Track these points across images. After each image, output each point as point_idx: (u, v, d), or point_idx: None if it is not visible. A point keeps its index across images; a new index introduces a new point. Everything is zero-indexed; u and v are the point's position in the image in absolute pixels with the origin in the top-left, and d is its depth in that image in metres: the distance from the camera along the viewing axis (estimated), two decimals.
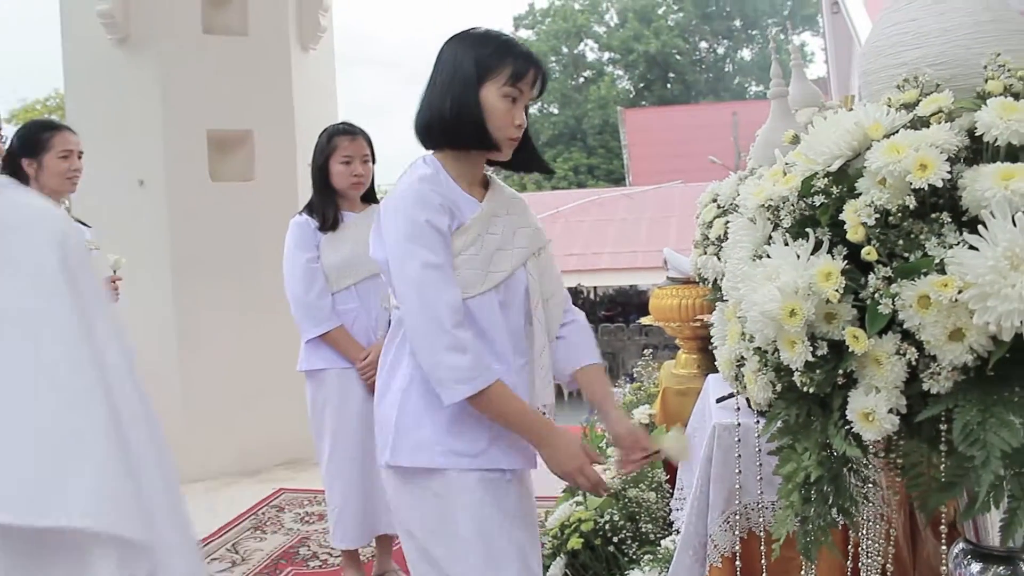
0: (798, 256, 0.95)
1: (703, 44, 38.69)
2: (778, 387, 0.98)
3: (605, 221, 17.76)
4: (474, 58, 1.71)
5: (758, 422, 1.53)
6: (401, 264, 1.65)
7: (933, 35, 1.02)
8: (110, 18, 4.70)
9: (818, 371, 0.91)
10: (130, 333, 1.00)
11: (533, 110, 1.89)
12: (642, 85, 38.23)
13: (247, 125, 5.17)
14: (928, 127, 0.93)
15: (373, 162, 3.22)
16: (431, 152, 1.82)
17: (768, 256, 1.00)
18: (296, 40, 5.37)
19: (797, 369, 0.93)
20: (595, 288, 20.91)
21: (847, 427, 0.93)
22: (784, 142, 1.11)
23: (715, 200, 2.81)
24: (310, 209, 3.21)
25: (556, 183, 31.29)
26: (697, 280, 3.00)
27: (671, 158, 25.18)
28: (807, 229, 0.96)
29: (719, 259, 2.68)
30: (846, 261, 0.93)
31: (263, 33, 5.16)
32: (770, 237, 1.03)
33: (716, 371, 3.42)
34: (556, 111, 36.44)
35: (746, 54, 38.52)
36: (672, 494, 2.85)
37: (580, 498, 2.90)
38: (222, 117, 5.09)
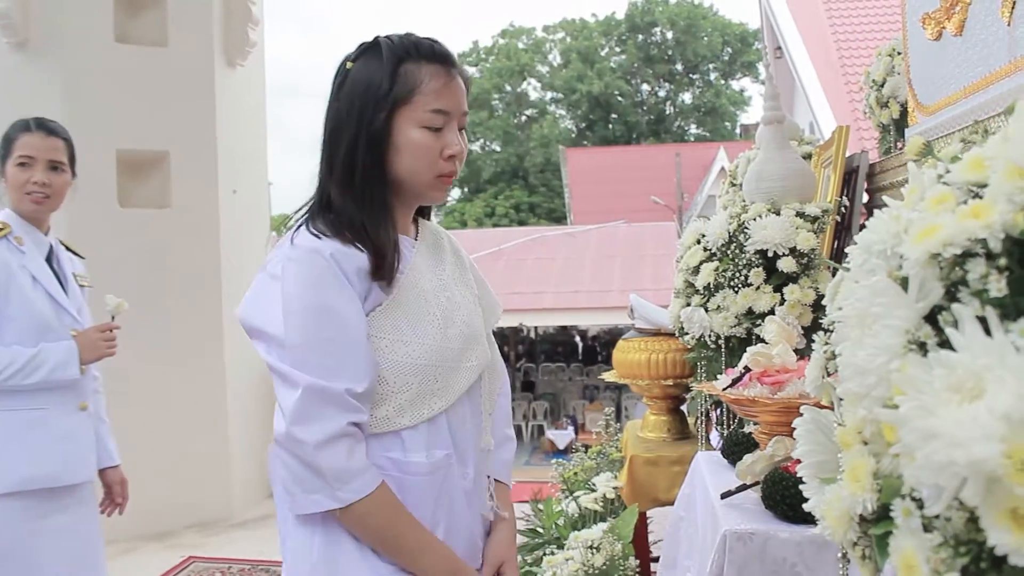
0: (1017, 350, 0.52)
1: (645, 86, 39.10)
2: None
3: (548, 260, 17.40)
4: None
5: None
6: None
7: None
8: (6, 18, 4.15)
9: None
10: None
11: (475, 147, 1.42)
12: (584, 125, 38.43)
13: (163, 146, 4.65)
14: None
15: None
16: None
17: (944, 346, 0.56)
18: (221, 54, 4.87)
19: None
20: (535, 328, 20.56)
21: None
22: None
23: (700, 241, 2.40)
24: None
25: (497, 221, 31.10)
26: (675, 333, 2.58)
27: (613, 197, 25.13)
28: None
29: (707, 311, 2.27)
30: None
31: (184, 44, 4.66)
32: (938, 310, 0.59)
33: (688, 435, 3.02)
34: (498, 149, 36.32)
35: (687, 97, 38.98)
36: None
37: None
38: (135, 136, 4.55)
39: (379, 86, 1.31)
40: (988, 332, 0.54)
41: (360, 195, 1.32)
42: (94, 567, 2.40)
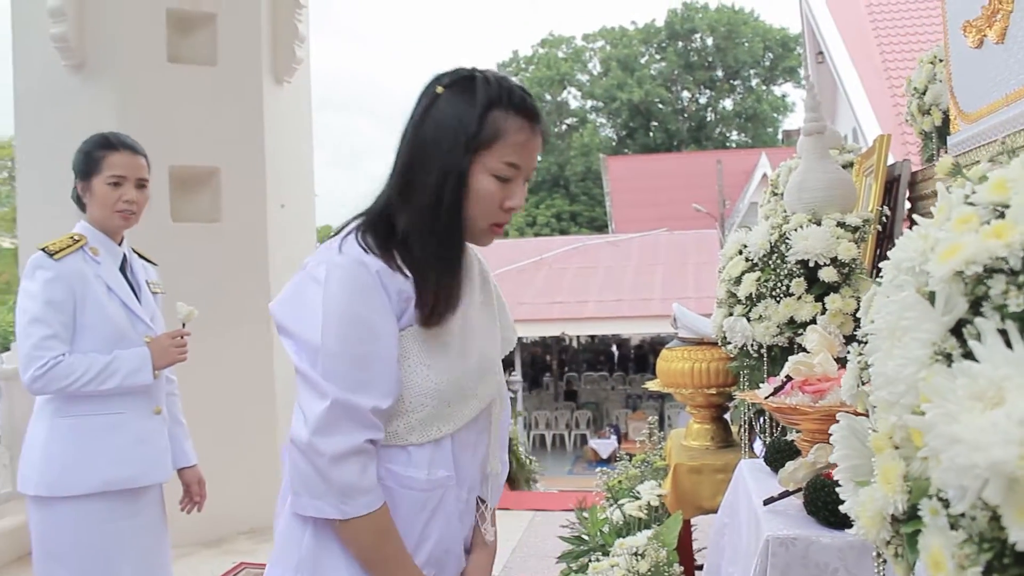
0: None
1: (685, 93, 38.95)
2: None
3: (589, 268, 17.41)
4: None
5: None
6: None
7: None
8: (64, 42, 4.30)
9: None
10: None
11: None
12: (624, 133, 38.39)
13: (214, 162, 4.76)
14: None
15: None
16: None
17: (967, 357, 0.60)
18: (269, 71, 4.98)
19: None
20: (577, 337, 20.54)
21: None
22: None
23: (742, 252, 2.43)
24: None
25: (539, 230, 31.17)
26: (718, 342, 2.61)
27: (654, 206, 25.07)
28: None
29: (749, 321, 2.30)
30: None
31: (233, 63, 4.78)
32: (963, 324, 0.63)
33: (732, 443, 3.04)
34: (539, 158, 36.34)
35: (728, 104, 38.76)
36: None
37: None
38: (186, 152, 4.67)
39: (468, 127, 1.29)
40: (1009, 344, 0.58)
41: (440, 235, 1.31)
42: (163, 567, 2.48)
